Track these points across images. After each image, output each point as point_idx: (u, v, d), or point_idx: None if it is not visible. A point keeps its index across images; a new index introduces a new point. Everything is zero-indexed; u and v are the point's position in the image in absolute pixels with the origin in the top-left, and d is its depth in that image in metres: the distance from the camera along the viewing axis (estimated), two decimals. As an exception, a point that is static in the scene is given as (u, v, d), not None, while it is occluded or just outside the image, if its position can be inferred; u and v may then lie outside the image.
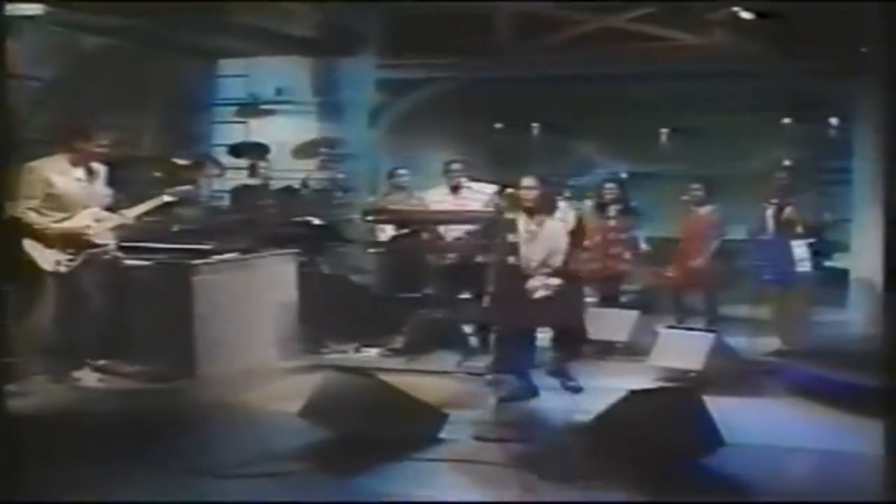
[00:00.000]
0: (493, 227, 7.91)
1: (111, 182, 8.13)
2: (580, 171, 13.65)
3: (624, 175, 11.93)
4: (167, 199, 8.33)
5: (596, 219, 10.24)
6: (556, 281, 7.51)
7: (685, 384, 7.69)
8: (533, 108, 13.95)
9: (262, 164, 10.71)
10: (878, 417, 4.97)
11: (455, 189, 9.58)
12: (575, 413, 6.99)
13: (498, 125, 14.45)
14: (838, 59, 10.79)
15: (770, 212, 9.52)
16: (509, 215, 7.72)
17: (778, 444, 6.50)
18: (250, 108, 11.91)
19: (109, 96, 9.96)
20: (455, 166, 9.70)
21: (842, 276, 11.36)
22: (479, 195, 9.42)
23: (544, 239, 7.59)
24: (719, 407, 6.27)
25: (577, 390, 7.70)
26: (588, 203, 10.58)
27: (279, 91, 12.37)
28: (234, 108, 12.19)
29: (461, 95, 13.41)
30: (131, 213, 8.08)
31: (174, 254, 8.50)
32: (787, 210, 9.40)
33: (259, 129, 11.54)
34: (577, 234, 7.71)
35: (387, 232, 10.01)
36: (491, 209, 8.50)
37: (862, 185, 11.04)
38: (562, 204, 7.84)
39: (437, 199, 9.66)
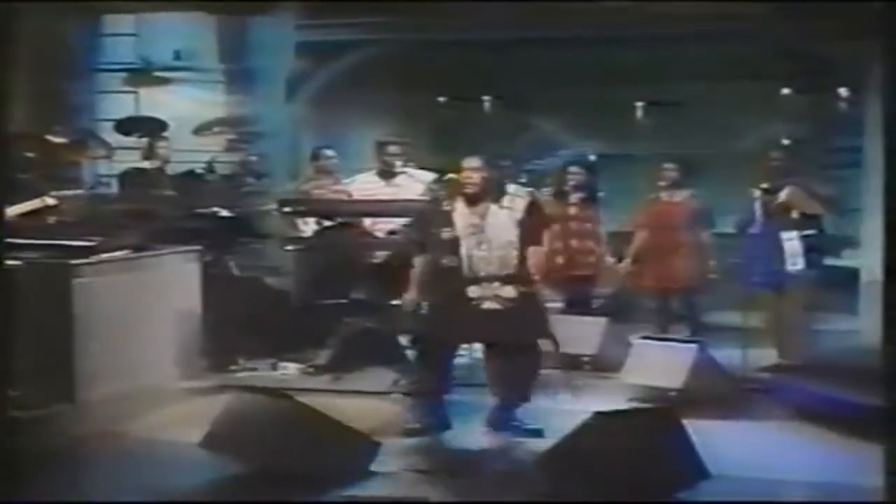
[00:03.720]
0: (424, 220, 7.75)
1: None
2: (540, 152, 13.73)
3: (592, 157, 12.03)
4: (50, 201, 8.26)
5: (557, 208, 10.32)
6: (509, 290, 7.35)
7: (662, 405, 7.79)
8: (483, 77, 14.01)
9: (157, 143, 10.66)
10: (885, 442, 5.06)
11: (387, 175, 9.64)
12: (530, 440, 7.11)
13: (441, 98, 14.48)
14: (848, 17, 10.89)
15: (761, 199, 9.63)
16: (447, 205, 7.57)
17: (773, 477, 6.58)
18: (142, 75, 11.87)
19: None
20: (391, 148, 9.75)
21: (851, 275, 11.51)
22: (416, 183, 9.49)
23: (490, 233, 7.39)
24: (703, 432, 6.38)
25: (538, 433, 7.38)
26: (547, 190, 10.67)
27: (178, 55, 12.35)
28: (123, 75, 12.14)
29: (397, 62, 13.45)
30: None
31: (49, 252, 8.43)
32: (783, 195, 9.51)
33: (153, 101, 11.51)
34: (532, 224, 7.48)
35: (308, 226, 10.02)
36: (428, 198, 8.54)
37: (874, 168, 11.15)
38: (511, 188, 7.69)
39: (366, 187, 9.72)
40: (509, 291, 7.34)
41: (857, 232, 11.87)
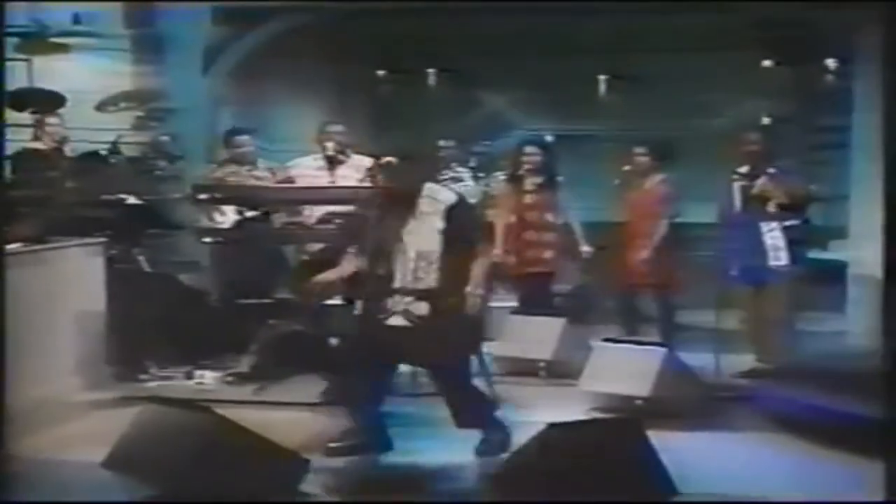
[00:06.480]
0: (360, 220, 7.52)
1: None
2: (492, 131, 13.77)
3: (549, 137, 12.07)
4: None
5: (511, 196, 10.36)
6: (422, 307, 7.05)
7: (626, 415, 7.87)
8: (428, 48, 14.03)
9: (53, 120, 10.60)
10: (880, 457, 5.13)
11: (332, 160, 9.67)
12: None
13: (380, 71, 14.49)
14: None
15: (738, 185, 9.69)
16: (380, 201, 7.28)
17: (749, 494, 6.64)
18: (36, 40, 11.78)
19: None
20: (334, 128, 9.76)
21: (838, 270, 11.61)
22: (358, 170, 9.52)
23: (407, 239, 7.10)
24: (671, 445, 6.45)
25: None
26: (500, 175, 10.72)
27: (77, 19, 12.24)
28: (13, 41, 12.04)
29: (330, 31, 13.43)
30: None
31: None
32: (761, 182, 9.58)
33: (49, 72, 11.42)
34: (457, 230, 7.11)
35: (228, 215, 10.02)
36: (366, 185, 8.55)
37: (866, 149, 11.20)
38: (433, 188, 7.32)
39: (309, 173, 9.73)
40: (421, 308, 7.05)
41: (846, 221, 11.92)
